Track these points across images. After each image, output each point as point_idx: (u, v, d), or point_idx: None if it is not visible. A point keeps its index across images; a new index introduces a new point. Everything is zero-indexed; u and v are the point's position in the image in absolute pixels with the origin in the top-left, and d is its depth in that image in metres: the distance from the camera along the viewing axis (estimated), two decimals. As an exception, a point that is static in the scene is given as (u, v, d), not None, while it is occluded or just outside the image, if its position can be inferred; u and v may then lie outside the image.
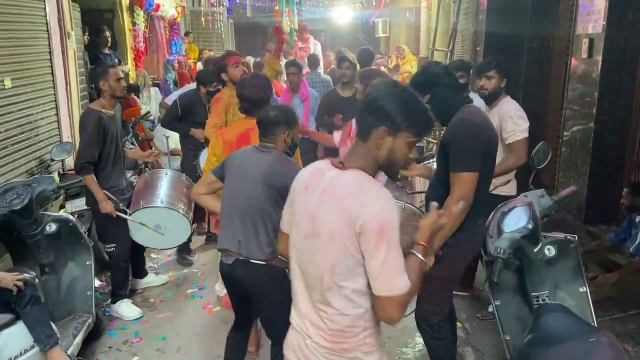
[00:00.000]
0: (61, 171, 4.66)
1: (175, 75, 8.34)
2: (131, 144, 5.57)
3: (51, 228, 3.39)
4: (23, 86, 4.50)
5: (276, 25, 8.21)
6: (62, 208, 4.33)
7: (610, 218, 4.58)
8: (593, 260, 3.92)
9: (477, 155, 2.47)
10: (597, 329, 2.50)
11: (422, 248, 1.71)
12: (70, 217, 3.55)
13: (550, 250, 2.64)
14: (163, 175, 4.06)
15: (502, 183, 3.46)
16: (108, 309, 3.99)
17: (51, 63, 5.04)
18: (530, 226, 2.54)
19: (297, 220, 1.77)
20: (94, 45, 6.68)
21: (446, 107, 2.61)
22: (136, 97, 6.65)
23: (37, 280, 3.15)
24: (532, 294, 2.67)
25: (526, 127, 3.46)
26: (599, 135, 4.52)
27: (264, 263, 2.56)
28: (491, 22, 6.49)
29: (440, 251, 2.51)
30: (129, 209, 3.81)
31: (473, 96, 3.45)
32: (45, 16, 4.93)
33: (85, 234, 3.61)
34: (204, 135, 4.25)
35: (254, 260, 2.56)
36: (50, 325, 2.98)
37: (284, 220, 1.91)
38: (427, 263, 1.71)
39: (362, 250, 1.58)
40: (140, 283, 4.40)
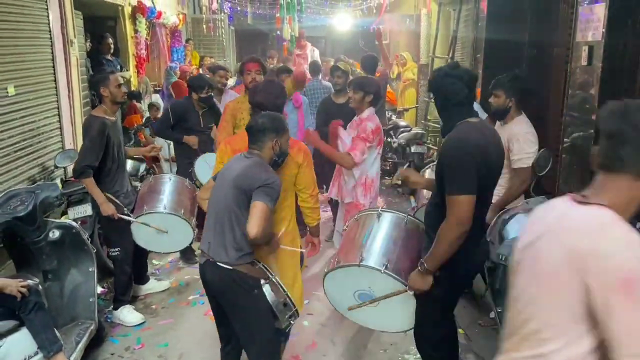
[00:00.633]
0: (64, 178, 4.68)
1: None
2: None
3: (54, 235, 3.41)
4: (26, 93, 4.53)
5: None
6: (64, 215, 4.34)
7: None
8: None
9: (472, 176, 2.31)
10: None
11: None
12: (74, 224, 3.57)
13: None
14: (167, 181, 4.11)
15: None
16: (110, 316, 4.00)
17: (54, 70, 5.06)
18: (531, 233, 2.53)
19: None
20: (96, 52, 6.72)
21: (444, 118, 2.56)
22: (138, 104, 6.67)
23: (40, 286, 3.16)
24: (534, 300, 2.67)
25: (534, 151, 3.42)
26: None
27: (230, 268, 2.54)
28: (491, 30, 6.52)
29: (437, 272, 2.48)
30: (133, 214, 3.85)
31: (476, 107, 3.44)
32: (48, 24, 4.96)
33: (88, 241, 3.63)
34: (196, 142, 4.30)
35: (220, 264, 2.56)
36: (54, 332, 2.98)
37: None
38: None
39: (594, 304, 1.24)
40: (142, 289, 4.40)
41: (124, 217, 3.77)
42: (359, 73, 6.49)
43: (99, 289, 4.06)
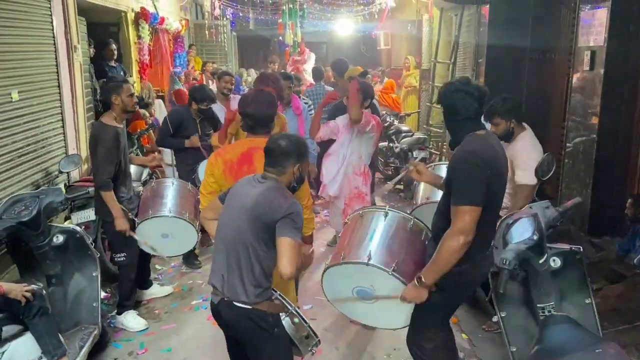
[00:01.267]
0: (67, 183, 4.70)
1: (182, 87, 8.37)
2: (135, 155, 5.62)
3: (58, 239, 3.41)
4: (30, 99, 4.54)
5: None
6: (68, 219, 4.35)
7: (614, 229, 4.59)
8: (598, 272, 3.92)
9: (479, 187, 2.36)
10: (603, 340, 2.50)
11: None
12: (78, 229, 3.57)
13: (555, 262, 2.64)
14: (170, 185, 4.14)
15: None
16: (113, 320, 4.00)
17: (58, 76, 5.08)
18: (535, 237, 2.52)
19: None
20: (99, 58, 6.75)
21: (452, 131, 2.60)
22: (142, 110, 6.69)
23: (44, 291, 3.17)
24: (538, 305, 2.66)
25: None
26: (602, 147, 4.54)
27: (249, 307, 2.32)
28: (493, 35, 6.55)
29: (434, 287, 2.50)
30: (137, 218, 3.87)
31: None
32: (52, 29, 4.98)
33: (92, 246, 3.63)
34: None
35: (238, 303, 2.33)
36: (58, 337, 2.99)
37: None
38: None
39: None
40: (145, 294, 4.41)
41: (134, 236, 3.78)
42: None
43: (102, 294, 4.06)
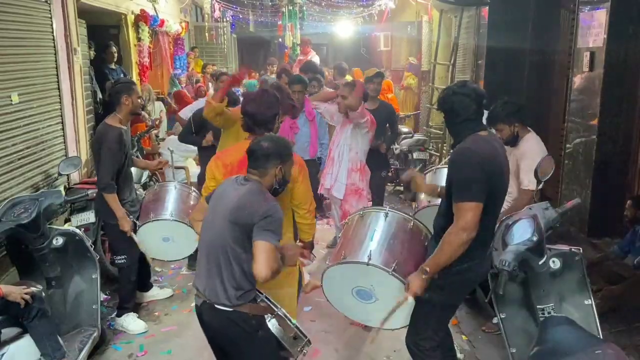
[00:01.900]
0: (67, 185, 4.70)
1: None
2: (136, 157, 5.61)
3: (58, 242, 3.41)
4: (30, 101, 4.55)
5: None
6: (67, 222, 4.35)
7: (613, 230, 4.59)
8: (597, 273, 3.92)
9: (480, 185, 2.38)
10: (603, 341, 2.49)
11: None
12: (77, 231, 3.57)
13: (555, 263, 2.64)
14: (172, 189, 4.12)
15: None
16: (113, 323, 3.99)
17: (58, 78, 5.10)
18: (535, 238, 2.52)
19: None
20: (99, 60, 6.76)
21: (454, 133, 2.62)
22: (142, 112, 6.70)
23: (44, 293, 3.16)
24: (538, 306, 2.66)
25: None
26: (602, 148, 4.55)
27: (230, 309, 2.31)
28: (492, 37, 6.55)
29: (435, 276, 2.49)
30: (139, 221, 3.87)
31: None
32: (52, 32, 5.00)
33: (91, 248, 3.63)
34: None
35: (219, 306, 2.33)
36: (58, 339, 2.99)
37: None
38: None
39: None
40: (145, 296, 4.40)
41: (134, 237, 3.78)
42: None
43: (102, 296, 4.06)
